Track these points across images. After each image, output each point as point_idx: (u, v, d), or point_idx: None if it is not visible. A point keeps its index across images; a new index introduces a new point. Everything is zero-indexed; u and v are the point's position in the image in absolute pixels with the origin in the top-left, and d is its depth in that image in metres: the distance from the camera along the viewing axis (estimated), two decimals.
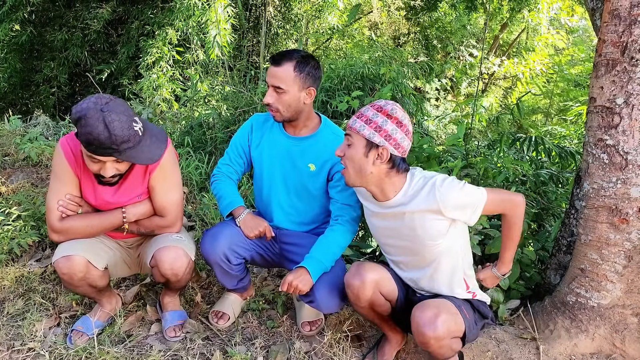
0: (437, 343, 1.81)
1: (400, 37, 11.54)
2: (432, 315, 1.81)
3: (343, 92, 5.06)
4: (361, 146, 1.84)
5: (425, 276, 2.01)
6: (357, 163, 1.85)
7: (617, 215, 2.15)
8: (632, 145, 2.09)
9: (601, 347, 2.24)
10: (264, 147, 2.33)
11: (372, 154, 1.83)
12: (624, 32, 2.04)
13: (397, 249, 2.03)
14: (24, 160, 3.92)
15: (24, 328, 2.30)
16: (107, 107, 1.85)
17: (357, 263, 2.05)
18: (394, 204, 1.91)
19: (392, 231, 1.98)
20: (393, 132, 1.83)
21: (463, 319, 1.89)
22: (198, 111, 5.37)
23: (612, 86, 2.11)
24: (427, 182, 1.86)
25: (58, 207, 2.09)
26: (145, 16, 6.87)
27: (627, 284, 2.19)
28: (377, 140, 1.82)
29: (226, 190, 2.36)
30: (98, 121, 1.82)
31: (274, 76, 2.13)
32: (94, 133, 1.82)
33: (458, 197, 1.82)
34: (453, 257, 1.96)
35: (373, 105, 1.88)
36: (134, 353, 2.23)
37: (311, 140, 2.27)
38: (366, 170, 1.85)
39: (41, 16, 7.55)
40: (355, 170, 1.87)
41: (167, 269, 2.14)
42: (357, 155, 1.85)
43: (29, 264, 2.82)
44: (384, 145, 1.82)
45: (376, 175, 1.86)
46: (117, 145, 1.86)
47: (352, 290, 2.00)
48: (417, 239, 1.91)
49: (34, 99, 7.78)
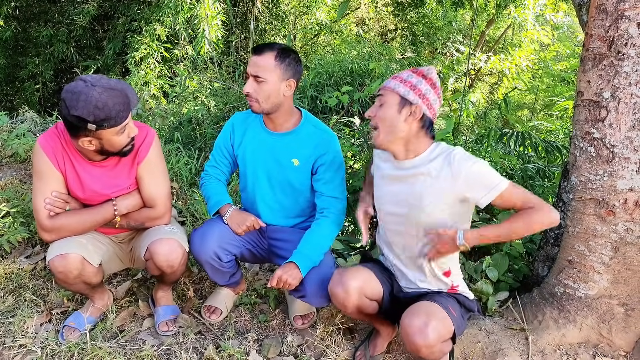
0: (429, 350, 1.80)
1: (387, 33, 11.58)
2: (422, 324, 1.78)
3: (332, 88, 5.07)
4: (395, 103, 1.84)
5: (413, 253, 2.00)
6: (389, 121, 1.84)
7: (604, 207, 2.19)
8: (618, 139, 2.12)
9: (589, 336, 2.28)
10: (247, 145, 2.32)
11: (405, 110, 1.83)
12: (610, 27, 2.08)
13: (395, 217, 1.99)
14: (11, 157, 3.89)
15: (14, 325, 2.29)
16: (91, 82, 1.89)
17: (339, 271, 2.04)
18: (413, 164, 1.89)
19: (397, 196, 1.95)
20: (427, 92, 1.84)
21: (451, 320, 1.87)
22: (187, 107, 5.35)
23: (599, 80, 2.14)
24: (448, 151, 1.85)
25: (45, 206, 2.07)
26: (132, 12, 6.82)
27: (613, 274, 2.23)
28: (411, 97, 1.82)
29: (213, 191, 2.37)
30: (107, 91, 1.89)
31: (255, 65, 2.10)
32: (116, 101, 1.90)
33: (473, 171, 1.78)
34: None
35: (407, 69, 1.89)
36: (126, 348, 2.22)
37: (293, 135, 2.27)
38: (397, 127, 1.84)
39: (25, 12, 7.47)
40: (387, 129, 1.86)
41: (163, 260, 2.14)
42: (389, 113, 1.84)
43: (19, 260, 2.80)
44: (418, 104, 1.82)
45: (406, 133, 1.85)
46: (127, 96, 1.94)
47: (337, 299, 2.00)
48: (419, 205, 1.88)
49: (19, 96, 7.70)
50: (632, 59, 2.05)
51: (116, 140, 2.00)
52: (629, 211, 2.15)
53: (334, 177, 2.27)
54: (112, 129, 1.94)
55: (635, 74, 2.05)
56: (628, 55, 2.05)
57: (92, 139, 1.96)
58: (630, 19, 2.03)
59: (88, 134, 1.93)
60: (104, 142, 1.99)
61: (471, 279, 2.67)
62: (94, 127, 1.90)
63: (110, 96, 1.88)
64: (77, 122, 1.88)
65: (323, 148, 2.25)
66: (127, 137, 2.03)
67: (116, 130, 1.96)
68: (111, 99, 1.88)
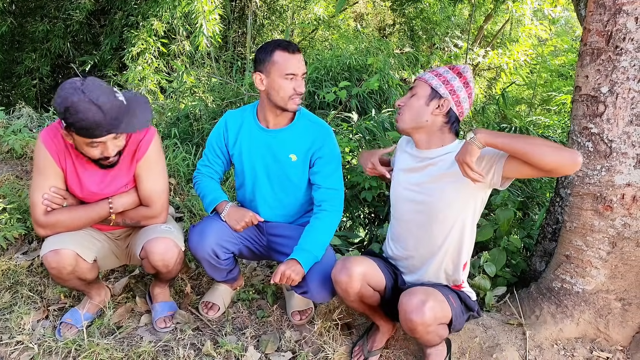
0: (425, 329, 1.83)
1: (385, 28, 11.54)
2: (419, 302, 1.82)
3: (330, 83, 5.06)
4: (425, 95, 1.90)
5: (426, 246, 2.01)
6: (416, 109, 1.91)
7: (602, 202, 2.19)
8: (616, 134, 2.12)
9: (586, 331, 2.29)
10: (242, 144, 2.31)
11: (433, 103, 1.89)
12: (608, 22, 2.07)
13: (412, 204, 2.00)
14: (7, 153, 3.86)
15: (11, 321, 2.28)
16: (86, 88, 1.82)
17: (343, 258, 2.05)
18: (435, 154, 1.93)
19: (417, 185, 1.97)
20: (458, 89, 1.88)
21: (450, 307, 1.91)
22: (184, 103, 5.33)
23: (596, 75, 2.14)
24: None
25: (43, 201, 2.06)
26: (129, 6, 6.78)
27: (611, 269, 2.23)
28: (442, 91, 1.88)
29: (208, 188, 2.35)
30: (87, 103, 1.80)
31: (302, 63, 2.14)
32: (89, 117, 1.80)
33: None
34: (459, 232, 1.95)
35: (446, 65, 1.94)
36: (124, 344, 2.22)
37: (289, 131, 2.26)
38: (422, 117, 1.90)
39: (22, 6, 7.42)
40: (412, 115, 1.92)
41: (158, 260, 2.14)
42: (418, 102, 1.91)
43: (16, 256, 2.79)
44: (447, 98, 1.87)
45: (430, 125, 1.91)
46: (112, 119, 1.85)
47: (340, 285, 2.01)
48: (439, 194, 1.91)
49: (15, 91, 7.66)
50: (630, 54, 2.04)
51: (86, 150, 1.96)
52: (626, 206, 2.15)
53: (332, 170, 2.27)
54: (81, 138, 1.89)
55: (633, 69, 2.05)
56: (626, 50, 2.05)
57: (68, 134, 1.94)
58: (629, 14, 2.02)
59: (67, 129, 1.91)
60: (76, 143, 1.96)
61: (469, 275, 2.67)
62: (65, 123, 1.87)
63: (87, 109, 1.80)
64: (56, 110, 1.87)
65: (320, 142, 2.25)
66: (100, 154, 1.97)
67: (85, 141, 1.91)
68: (86, 112, 1.80)
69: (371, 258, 2.12)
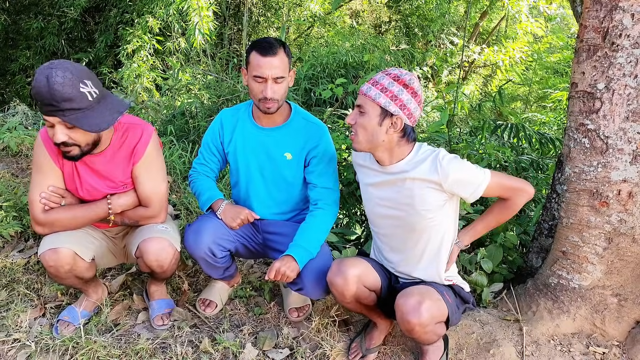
0: (422, 329, 1.84)
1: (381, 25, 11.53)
2: (416, 303, 1.82)
3: (326, 80, 5.06)
4: (375, 115, 1.84)
5: (410, 256, 2.03)
6: (370, 131, 1.86)
7: (598, 198, 2.20)
8: (612, 130, 2.13)
9: (582, 327, 2.30)
10: (237, 142, 2.30)
11: (386, 122, 1.84)
12: (605, 18, 2.08)
13: (389, 220, 2.01)
14: (3, 150, 3.85)
15: (8, 319, 2.28)
16: (56, 64, 1.79)
17: (338, 261, 2.05)
18: (397, 169, 1.92)
19: (389, 201, 1.97)
20: (408, 102, 1.83)
21: (446, 304, 1.91)
22: (180, 100, 5.32)
23: (593, 71, 2.14)
24: (432, 154, 1.88)
25: (40, 200, 2.05)
26: (124, 4, 6.76)
27: (607, 265, 2.24)
28: (392, 109, 1.82)
29: (203, 186, 2.35)
30: (42, 75, 1.76)
31: (273, 67, 2.06)
32: (36, 86, 1.77)
33: (459, 172, 1.82)
34: (440, 236, 1.97)
35: (389, 73, 1.86)
36: (121, 342, 2.22)
37: (284, 130, 2.26)
38: (378, 138, 1.86)
39: (15, 4, 7.38)
40: (367, 138, 1.88)
41: (152, 260, 2.13)
42: (370, 123, 1.85)
43: (12, 254, 2.78)
44: (399, 115, 1.83)
45: (387, 142, 1.88)
46: (57, 102, 1.77)
47: (336, 288, 2.01)
48: (412, 207, 1.91)
49: (9, 89, 7.63)
50: (626, 50, 2.05)
51: (49, 130, 1.91)
52: (622, 202, 2.16)
53: (327, 169, 2.27)
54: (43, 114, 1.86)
55: (629, 65, 2.06)
56: (622, 47, 2.05)
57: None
58: (625, 10, 2.03)
59: None
60: None
61: (465, 271, 2.68)
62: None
63: (39, 80, 1.76)
64: None
65: (315, 141, 2.25)
66: (52, 137, 1.89)
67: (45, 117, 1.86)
68: (36, 82, 1.77)
69: (365, 258, 2.12)
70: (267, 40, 2.09)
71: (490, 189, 1.86)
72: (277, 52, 2.06)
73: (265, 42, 2.08)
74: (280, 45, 2.10)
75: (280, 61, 2.07)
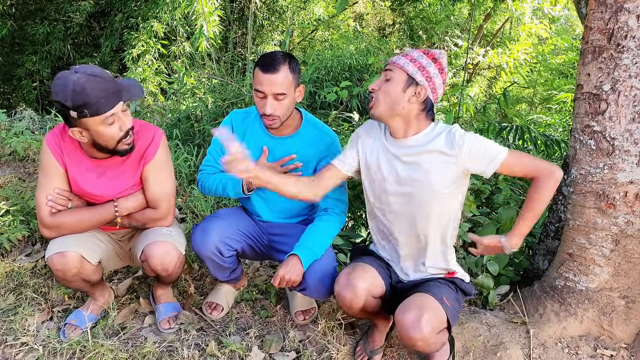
0: (425, 343, 1.80)
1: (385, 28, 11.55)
2: (415, 318, 1.78)
3: (331, 83, 5.07)
4: (401, 81, 1.84)
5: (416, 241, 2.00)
6: (393, 96, 1.85)
7: (604, 200, 2.19)
8: (618, 131, 2.12)
9: (589, 329, 2.29)
10: (247, 147, 2.27)
11: (410, 90, 1.84)
12: (610, 19, 2.07)
13: (398, 197, 1.96)
14: (10, 155, 3.87)
15: (16, 323, 2.29)
16: (77, 68, 1.86)
17: (345, 272, 2.01)
18: (413, 142, 1.90)
19: (403, 175, 1.93)
20: (434, 76, 1.84)
21: (445, 310, 1.87)
22: (185, 104, 5.34)
23: (598, 73, 2.14)
24: (449, 129, 1.88)
25: (47, 202, 2.07)
26: (129, 8, 6.79)
27: (614, 267, 2.23)
28: (418, 78, 1.83)
29: (219, 178, 2.28)
30: (87, 77, 1.82)
31: (274, 84, 2.02)
32: (95, 88, 1.82)
33: (475, 143, 1.82)
34: (446, 219, 1.95)
35: (419, 49, 1.89)
36: (128, 345, 2.23)
37: (295, 139, 2.25)
38: (399, 104, 1.85)
39: (22, 9, 7.43)
40: (388, 103, 1.86)
41: (157, 264, 2.14)
42: (395, 89, 1.84)
43: (19, 258, 2.79)
44: (424, 85, 1.83)
45: (406, 112, 1.86)
46: (114, 86, 1.87)
47: (344, 302, 1.98)
48: (426, 182, 1.88)
49: (16, 94, 7.68)
50: (632, 52, 2.05)
51: (105, 132, 1.92)
52: (629, 204, 2.15)
53: None
54: (96, 117, 1.87)
55: (635, 67, 2.05)
56: (628, 48, 2.05)
57: (82, 130, 1.92)
58: (630, 11, 2.03)
59: (75, 123, 1.90)
60: (92, 133, 1.93)
61: (472, 273, 2.67)
62: (75, 114, 1.85)
63: (89, 81, 1.81)
64: (60, 108, 1.86)
65: (325, 150, 2.25)
66: (119, 130, 1.95)
67: (101, 120, 1.88)
68: (90, 83, 1.81)
69: (366, 260, 2.08)
70: (271, 56, 2.05)
71: (509, 165, 1.82)
72: (279, 69, 2.02)
73: (268, 57, 2.05)
74: (285, 61, 2.04)
75: (282, 78, 2.02)
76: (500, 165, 1.82)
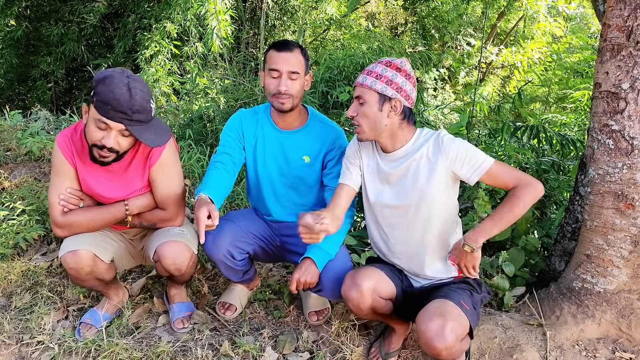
0: (449, 352, 1.76)
1: (397, 27, 11.50)
2: (439, 327, 1.75)
3: (343, 83, 5.05)
4: (375, 101, 1.89)
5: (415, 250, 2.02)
6: (372, 118, 1.90)
7: (623, 200, 2.16)
8: (637, 131, 2.09)
9: (608, 332, 2.25)
10: (257, 143, 2.30)
11: (386, 107, 1.89)
12: (629, 17, 2.04)
13: (398, 209, 1.99)
14: (25, 155, 3.91)
15: (32, 321, 2.31)
16: (133, 77, 1.92)
17: (351, 273, 2.03)
18: (402, 153, 1.96)
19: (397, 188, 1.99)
20: (403, 85, 1.89)
21: (465, 315, 1.84)
22: (197, 104, 5.35)
23: (617, 71, 2.10)
24: (436, 134, 1.93)
25: (59, 202, 2.09)
26: (142, 9, 6.83)
27: (633, 269, 2.20)
28: (389, 93, 1.87)
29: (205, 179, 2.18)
30: (122, 83, 1.87)
31: (288, 62, 2.11)
32: (115, 92, 1.85)
33: (461, 147, 1.87)
34: (444, 223, 1.97)
35: (380, 61, 1.93)
36: (142, 345, 2.23)
37: (303, 133, 2.28)
38: (381, 123, 1.90)
39: (36, 11, 7.50)
40: (370, 126, 1.91)
41: (170, 264, 2.14)
42: (371, 110, 1.90)
43: (35, 258, 2.82)
44: (397, 98, 1.88)
45: (390, 126, 1.91)
46: (132, 112, 1.88)
47: (351, 302, 1.99)
48: (418, 190, 1.92)
49: (31, 94, 7.75)
50: None
51: (91, 128, 1.94)
52: None
53: None
54: (95, 111, 1.90)
55: None
56: None
57: (88, 111, 1.97)
58: None
59: (90, 101, 1.94)
60: (87, 121, 1.97)
61: (487, 274, 2.65)
62: (92, 93, 1.93)
63: (120, 87, 1.86)
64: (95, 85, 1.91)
65: (332, 143, 2.27)
66: (101, 138, 1.93)
67: (97, 116, 1.89)
68: (117, 88, 1.85)
69: (377, 265, 2.09)
70: (284, 40, 2.17)
71: (494, 175, 1.86)
72: (293, 49, 2.12)
73: (281, 40, 2.17)
74: (297, 45, 2.16)
75: (295, 58, 2.12)
76: (486, 173, 1.85)
